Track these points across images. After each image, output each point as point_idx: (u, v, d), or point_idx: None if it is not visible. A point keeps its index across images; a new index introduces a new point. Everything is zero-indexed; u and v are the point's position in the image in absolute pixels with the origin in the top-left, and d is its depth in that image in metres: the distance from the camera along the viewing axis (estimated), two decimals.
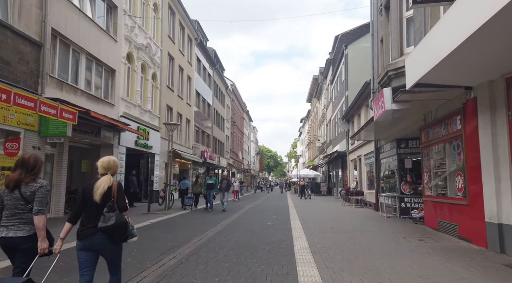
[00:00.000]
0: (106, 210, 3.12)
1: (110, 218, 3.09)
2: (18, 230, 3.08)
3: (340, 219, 12.07)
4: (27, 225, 3.11)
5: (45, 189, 3.16)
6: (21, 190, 3.11)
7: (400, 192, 11.83)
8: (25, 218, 3.11)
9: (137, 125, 17.21)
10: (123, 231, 3.19)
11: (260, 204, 21.37)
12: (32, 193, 3.11)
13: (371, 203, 16.25)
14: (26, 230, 3.10)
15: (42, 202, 3.12)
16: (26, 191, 3.11)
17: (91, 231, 3.10)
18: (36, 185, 3.14)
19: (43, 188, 3.16)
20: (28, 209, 3.10)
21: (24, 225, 3.11)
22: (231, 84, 47.56)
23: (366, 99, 17.39)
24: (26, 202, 3.10)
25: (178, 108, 24.19)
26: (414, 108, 8.78)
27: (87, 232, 3.11)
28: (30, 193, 3.11)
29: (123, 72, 16.11)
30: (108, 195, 3.16)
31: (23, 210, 3.11)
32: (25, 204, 3.10)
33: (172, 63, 23.17)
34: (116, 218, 3.10)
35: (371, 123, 10.78)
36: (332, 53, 33.85)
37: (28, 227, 3.11)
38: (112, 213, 3.12)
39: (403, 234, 8.41)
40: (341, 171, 27.58)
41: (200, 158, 28.71)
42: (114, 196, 3.19)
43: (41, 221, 3.09)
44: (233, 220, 12.07)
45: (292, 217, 12.91)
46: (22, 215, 3.11)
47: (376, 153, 15.11)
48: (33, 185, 3.13)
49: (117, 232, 3.13)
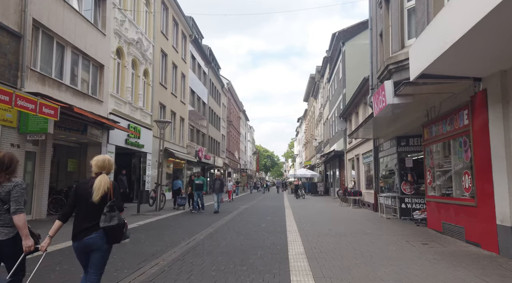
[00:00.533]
0: (107, 209, 3.06)
1: (113, 218, 3.05)
2: None
3: (338, 221, 11.53)
4: (5, 228, 3.00)
5: (20, 188, 3.04)
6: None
7: (400, 192, 11.29)
8: (3, 219, 3.00)
9: (127, 123, 16.60)
10: (121, 231, 3.16)
11: (256, 204, 20.80)
12: (7, 193, 3.00)
13: (370, 203, 15.72)
14: (4, 233, 2.99)
15: (19, 200, 3.01)
16: (1, 191, 3.00)
17: (86, 232, 3.05)
18: (11, 184, 3.02)
19: (18, 186, 3.04)
20: (4, 210, 2.99)
21: (3, 228, 3.00)
22: (227, 83, 46.95)
23: (364, 97, 16.87)
24: (2, 203, 2.99)
25: (172, 106, 23.58)
26: (416, 103, 8.24)
27: (82, 234, 3.06)
28: (5, 193, 3.00)
29: (113, 67, 15.50)
30: (105, 195, 3.10)
31: (0, 211, 2.99)
32: (1, 204, 2.99)
33: (165, 59, 22.56)
34: (118, 218, 3.08)
35: (370, 120, 10.24)
36: (329, 51, 33.34)
37: (7, 230, 3.00)
38: (114, 212, 3.08)
39: (405, 237, 7.87)
40: (338, 170, 27.07)
41: (194, 157, 28.10)
42: (111, 196, 3.13)
43: (21, 219, 2.99)
44: (225, 222, 11.50)
45: (287, 218, 12.35)
46: (0, 217, 3.00)
47: (374, 152, 14.59)
48: (7, 185, 3.02)
49: (117, 232, 3.11)
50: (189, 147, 27.78)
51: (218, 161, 38.67)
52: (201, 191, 14.39)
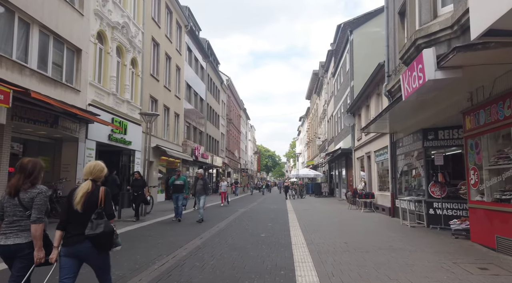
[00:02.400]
0: (94, 216, 3.00)
1: (99, 226, 2.98)
2: (17, 237, 2.97)
3: (352, 229, 9.67)
4: (25, 232, 3.00)
5: (44, 195, 3.04)
6: (20, 196, 3.00)
7: (427, 195, 9.42)
8: (23, 224, 3.00)
9: (111, 117, 14.76)
10: (109, 239, 3.06)
11: (256, 207, 18.93)
12: (31, 199, 3.00)
13: (384, 207, 13.85)
14: (24, 237, 2.99)
15: (41, 209, 3.00)
16: (24, 197, 3.00)
17: (77, 238, 2.99)
18: (35, 191, 3.02)
19: (42, 194, 3.03)
20: (26, 216, 2.99)
21: (22, 232, 3.00)
22: (227, 80, 45.12)
23: (378, 87, 15.00)
24: (25, 209, 2.99)
25: (165, 100, 21.73)
26: (459, 82, 6.38)
27: (73, 240, 3.00)
28: (29, 200, 3.00)
29: (93, 53, 13.66)
30: (93, 201, 3.06)
31: (21, 217, 2.99)
32: (23, 210, 2.99)
33: (157, 49, 20.72)
34: (104, 226, 3.00)
35: (394, 107, 8.36)
36: (334, 44, 31.47)
37: (26, 234, 2.99)
38: (100, 220, 3.01)
39: (449, 256, 6.01)
40: (344, 170, 25.18)
41: (190, 156, 26.24)
42: (102, 202, 3.08)
43: (38, 230, 2.96)
44: (219, 230, 9.64)
45: (291, 226, 10.49)
46: (21, 222, 3.00)
47: (391, 148, 12.71)
48: (32, 191, 3.02)
49: (103, 240, 3.01)
50: (184, 145, 25.94)
51: (217, 160, 36.82)
52: (182, 193, 11.70)
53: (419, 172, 10.44)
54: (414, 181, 10.98)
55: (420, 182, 10.32)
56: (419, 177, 10.47)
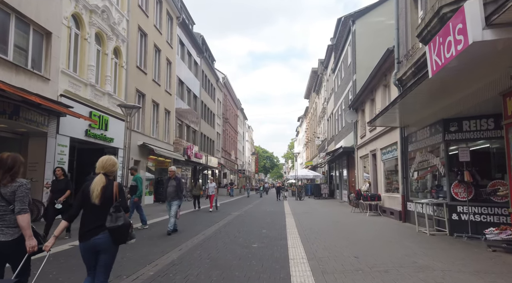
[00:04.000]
0: (113, 210, 3.06)
1: (119, 218, 3.05)
2: (2, 233, 2.92)
3: (360, 237, 8.19)
4: (10, 229, 2.96)
5: (25, 188, 3.02)
6: (1, 191, 2.96)
7: (450, 197, 7.96)
8: (7, 220, 2.96)
9: (89, 110, 13.27)
10: (127, 232, 3.14)
11: (251, 210, 17.44)
12: (12, 193, 2.97)
13: (393, 211, 12.39)
14: (9, 234, 2.94)
15: (23, 200, 2.98)
16: (6, 191, 2.96)
17: (94, 231, 3.04)
18: (15, 184, 2.99)
19: (23, 186, 3.02)
20: (9, 210, 2.96)
21: (7, 229, 2.95)
22: (223, 77, 43.65)
23: (384, 77, 13.55)
24: (8, 203, 2.96)
25: (154, 95, 20.23)
26: (507, 52, 4.93)
27: (90, 234, 3.05)
28: (10, 193, 2.97)
29: (66, 37, 12.17)
30: (109, 196, 3.10)
31: (5, 212, 2.96)
32: (6, 205, 2.96)
33: (144, 40, 19.23)
34: (123, 219, 3.08)
35: (412, 92, 6.88)
36: (334, 39, 30.05)
37: (12, 231, 2.96)
38: (119, 213, 3.08)
39: (498, 279, 4.54)
40: (346, 170, 23.71)
41: (182, 156, 24.72)
42: (117, 196, 3.14)
43: (25, 219, 2.96)
44: (202, 240, 8.14)
45: (289, 233, 9.01)
46: (5, 217, 2.96)
47: (402, 144, 11.26)
48: (13, 185, 2.98)
49: (122, 233, 3.08)
50: (176, 144, 24.44)
51: (212, 161, 35.29)
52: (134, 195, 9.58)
53: (432, 169, 8.98)
54: (426, 180, 9.51)
55: (438, 181, 8.84)
56: (430, 173, 9.02)
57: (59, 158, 11.65)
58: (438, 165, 8.62)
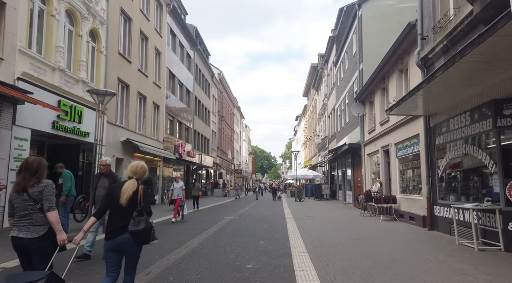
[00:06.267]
0: (135, 214, 3.17)
1: (140, 222, 3.15)
2: (28, 231, 3.09)
3: (386, 253, 6.32)
4: (36, 227, 3.11)
5: (51, 187, 3.20)
6: (29, 191, 3.12)
7: (505, 201, 6.12)
8: (34, 218, 3.11)
9: (57, 99, 11.36)
10: (149, 234, 3.24)
11: (247, 213, 15.55)
12: (40, 192, 3.13)
13: (414, 216, 10.55)
14: (35, 232, 3.10)
15: (50, 199, 3.15)
16: (33, 192, 3.12)
17: (119, 231, 3.16)
18: (42, 185, 3.16)
19: (49, 186, 3.19)
20: (37, 209, 3.11)
21: (34, 226, 3.10)
22: (218, 73, 41.73)
23: (401, 61, 11.72)
24: (35, 202, 3.12)
25: (140, 87, 18.30)
26: None
27: (115, 233, 3.17)
28: (38, 193, 3.13)
29: (26, 11, 10.25)
30: (134, 199, 3.22)
31: (32, 210, 3.11)
32: (33, 204, 3.11)
33: (128, 25, 17.31)
34: (145, 223, 3.18)
35: (465, 56, 5.02)
36: (336, 30, 28.29)
37: (38, 229, 3.10)
38: (142, 217, 3.19)
39: None
40: (350, 169, 21.86)
41: (173, 154, 22.79)
42: (141, 200, 3.24)
43: (54, 216, 3.14)
44: (181, 258, 6.24)
45: (293, 247, 7.13)
46: (32, 216, 3.11)
47: (427, 136, 9.42)
48: (40, 185, 3.15)
49: (144, 236, 3.19)
50: (167, 141, 22.53)
51: (206, 160, 33.35)
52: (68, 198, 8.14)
53: (474, 166, 7.14)
54: (462, 179, 7.65)
55: (477, 180, 6.99)
56: (471, 171, 7.17)
57: (16, 153, 9.72)
58: (484, 160, 6.77)
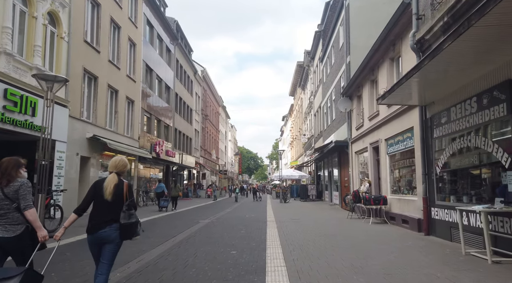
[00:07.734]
0: (126, 208, 3.25)
1: (132, 215, 3.27)
2: (5, 230, 3.10)
3: (381, 267, 5.15)
4: (13, 226, 3.13)
5: (26, 186, 3.22)
6: (4, 191, 3.15)
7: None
8: (11, 217, 3.13)
9: (3, 88, 9.90)
10: (136, 229, 3.33)
11: (226, 216, 14.26)
12: (15, 192, 3.15)
13: (407, 218, 9.47)
14: (12, 231, 3.11)
15: (26, 197, 3.17)
16: (8, 191, 3.15)
17: (101, 225, 3.21)
18: (17, 184, 3.19)
19: (24, 185, 3.21)
20: (13, 208, 3.13)
21: (10, 226, 3.12)
22: (202, 70, 40.33)
23: (392, 48, 10.66)
24: (11, 201, 3.13)
25: (110, 80, 16.83)
26: None
27: (97, 226, 3.22)
28: (13, 192, 3.15)
29: None
30: (119, 193, 3.28)
31: (8, 210, 3.13)
32: (9, 203, 3.13)
33: (97, 11, 15.84)
34: (135, 216, 3.31)
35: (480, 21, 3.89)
36: (322, 25, 27.35)
37: (14, 228, 3.12)
38: (131, 210, 3.29)
39: None
40: (337, 169, 20.80)
41: (148, 153, 21.31)
42: (127, 195, 3.31)
43: (32, 214, 3.17)
44: (126, 276, 4.93)
45: (270, 259, 5.88)
46: (8, 215, 3.13)
47: (423, 129, 8.34)
48: (14, 185, 3.18)
49: (133, 229, 3.28)
50: (142, 139, 21.06)
51: (188, 160, 31.90)
52: None
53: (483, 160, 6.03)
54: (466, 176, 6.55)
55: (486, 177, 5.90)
56: (477, 166, 6.08)
57: None
58: (496, 153, 5.67)
